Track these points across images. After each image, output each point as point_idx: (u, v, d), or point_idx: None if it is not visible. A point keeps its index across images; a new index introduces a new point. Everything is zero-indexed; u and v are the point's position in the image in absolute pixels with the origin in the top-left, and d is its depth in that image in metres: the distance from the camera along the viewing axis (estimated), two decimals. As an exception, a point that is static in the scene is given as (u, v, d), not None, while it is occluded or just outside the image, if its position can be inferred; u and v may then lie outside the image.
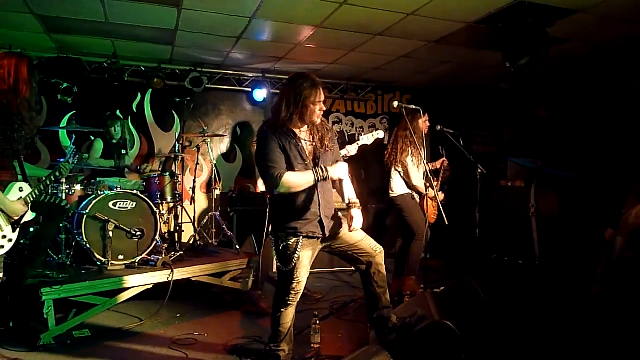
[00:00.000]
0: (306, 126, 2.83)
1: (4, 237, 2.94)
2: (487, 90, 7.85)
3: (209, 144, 5.55)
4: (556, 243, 5.39)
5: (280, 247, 2.83)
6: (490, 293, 3.64)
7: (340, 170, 2.79)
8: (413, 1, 4.16)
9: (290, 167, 2.73)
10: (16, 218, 3.00)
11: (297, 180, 2.68)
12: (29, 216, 3.13)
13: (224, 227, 5.36)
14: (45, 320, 3.54)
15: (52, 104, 6.07)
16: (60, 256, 4.13)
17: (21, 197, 3.04)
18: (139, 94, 6.60)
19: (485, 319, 3.48)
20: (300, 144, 2.79)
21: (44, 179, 3.29)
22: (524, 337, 3.65)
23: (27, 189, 3.09)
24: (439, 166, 5.01)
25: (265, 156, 2.72)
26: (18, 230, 3.03)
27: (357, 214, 2.86)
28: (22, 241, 4.04)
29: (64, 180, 4.23)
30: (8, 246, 2.97)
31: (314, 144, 2.82)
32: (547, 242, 5.51)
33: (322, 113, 2.80)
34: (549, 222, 5.51)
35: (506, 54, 4.57)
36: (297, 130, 2.80)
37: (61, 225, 4.07)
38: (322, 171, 2.71)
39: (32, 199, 3.09)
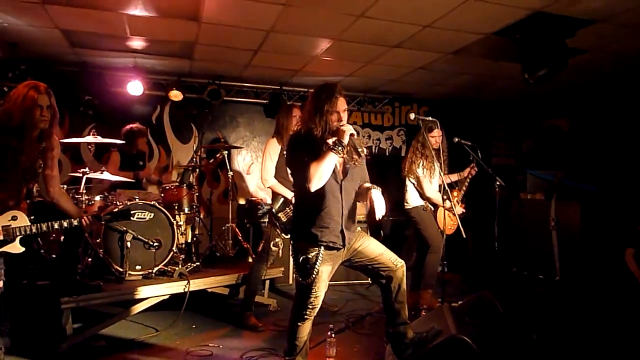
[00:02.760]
0: (332, 138, 2.81)
1: None
2: (505, 101, 7.78)
3: (226, 155, 5.59)
4: (578, 257, 5.27)
5: (300, 260, 2.81)
6: (509, 308, 3.56)
7: (347, 131, 2.72)
8: (429, 13, 4.16)
9: None
10: None
11: (320, 165, 2.65)
12: (15, 249, 2.96)
13: (240, 238, 5.37)
14: (63, 330, 3.58)
15: (74, 116, 6.21)
16: (78, 266, 4.17)
17: (9, 226, 2.91)
18: (158, 106, 6.71)
19: (504, 334, 3.41)
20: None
21: (48, 224, 3.04)
22: (544, 353, 3.57)
23: (21, 220, 2.96)
24: (466, 174, 4.95)
25: (294, 159, 2.80)
26: None
27: (378, 196, 2.80)
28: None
29: (83, 190, 4.29)
30: None
31: (344, 156, 2.82)
32: (569, 256, 5.39)
33: (342, 123, 2.77)
34: (570, 235, 5.40)
35: (525, 65, 4.53)
36: (326, 142, 2.79)
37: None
38: (337, 145, 2.67)
39: (20, 233, 2.95)
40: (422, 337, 3.06)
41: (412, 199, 4.74)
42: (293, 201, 3.92)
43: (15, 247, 2.96)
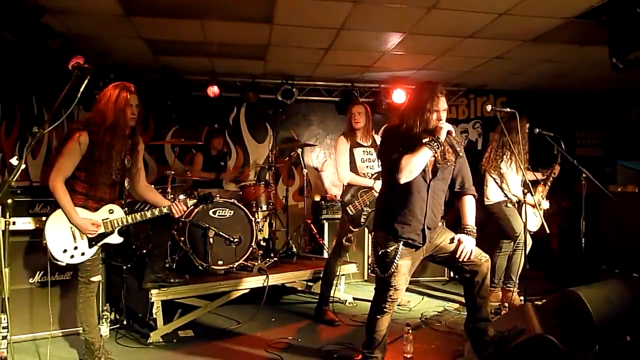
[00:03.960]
0: (428, 136, 2.80)
1: (76, 248, 3.05)
2: (591, 88, 7.30)
3: (300, 153, 5.71)
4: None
5: (379, 253, 2.84)
6: (599, 307, 3.35)
7: (444, 128, 2.73)
8: (505, 0, 4.00)
9: None
10: (91, 235, 3.08)
11: (413, 158, 2.67)
12: (115, 239, 3.21)
13: (316, 234, 5.47)
14: (154, 320, 3.84)
15: (157, 120, 6.60)
16: (166, 260, 4.44)
17: (107, 219, 3.16)
18: (235, 107, 6.97)
19: (593, 335, 3.22)
20: None
21: (142, 213, 3.30)
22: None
23: (118, 212, 3.21)
24: (548, 173, 4.72)
25: (387, 152, 2.81)
26: (96, 248, 3.13)
27: (468, 240, 2.88)
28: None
29: (170, 190, 4.56)
30: (79, 259, 3.06)
31: (435, 155, 2.81)
32: (667, 253, 4.97)
33: (440, 122, 2.76)
34: (668, 230, 4.98)
35: (612, 49, 4.23)
36: (422, 140, 2.80)
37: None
38: (434, 142, 2.69)
39: (119, 225, 3.19)
40: (503, 336, 2.97)
41: (493, 195, 4.58)
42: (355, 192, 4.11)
43: (115, 238, 3.23)
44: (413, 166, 2.67)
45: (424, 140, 2.73)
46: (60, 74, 5.12)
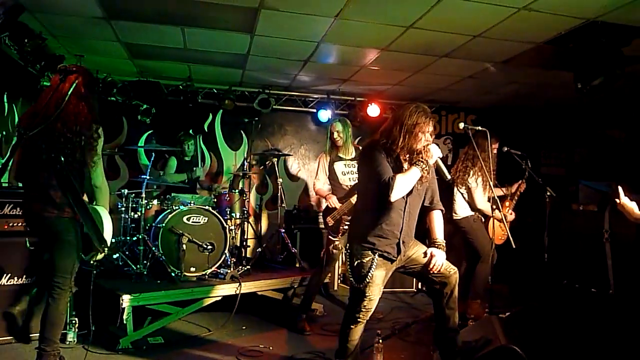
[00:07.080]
0: (408, 155, 2.91)
1: None
2: (556, 110, 7.61)
3: (275, 162, 5.75)
4: (633, 271, 5.09)
5: (355, 264, 2.90)
6: (559, 321, 3.51)
7: (435, 152, 2.87)
8: (480, 24, 4.17)
9: None
10: None
11: (406, 178, 2.77)
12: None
13: (288, 243, 5.50)
14: (123, 326, 3.79)
15: (132, 124, 6.53)
16: (138, 266, 4.41)
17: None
18: (211, 114, 6.96)
19: (554, 347, 3.36)
20: (402, 170, 2.87)
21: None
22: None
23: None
24: (514, 189, 4.90)
25: (377, 167, 2.81)
26: None
27: (439, 254, 2.98)
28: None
29: (143, 195, 4.53)
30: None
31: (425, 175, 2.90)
32: (623, 269, 5.22)
33: (427, 144, 2.87)
34: (624, 248, 5.23)
35: (577, 74, 4.46)
36: (401, 158, 2.89)
37: (140, 237, 4.36)
38: (423, 163, 2.82)
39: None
40: (471, 346, 3.07)
41: (461, 210, 4.71)
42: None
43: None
44: (404, 186, 2.76)
45: (411, 157, 2.85)
46: (35, 73, 5.06)
